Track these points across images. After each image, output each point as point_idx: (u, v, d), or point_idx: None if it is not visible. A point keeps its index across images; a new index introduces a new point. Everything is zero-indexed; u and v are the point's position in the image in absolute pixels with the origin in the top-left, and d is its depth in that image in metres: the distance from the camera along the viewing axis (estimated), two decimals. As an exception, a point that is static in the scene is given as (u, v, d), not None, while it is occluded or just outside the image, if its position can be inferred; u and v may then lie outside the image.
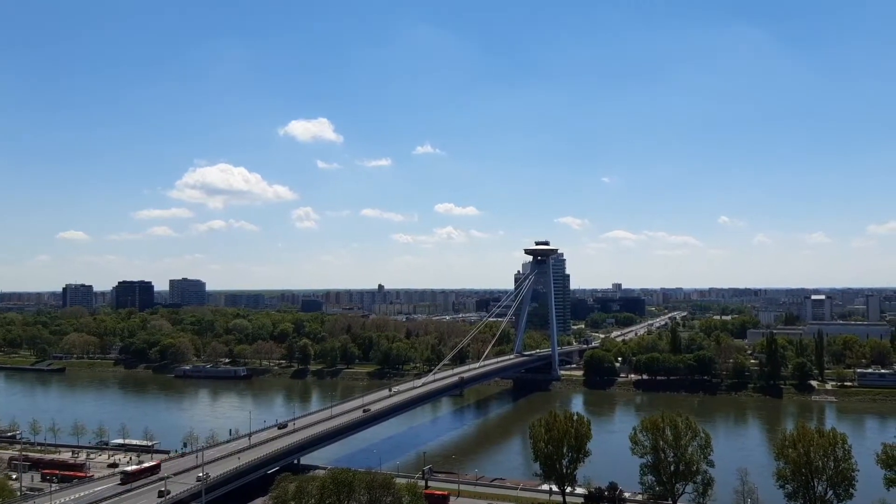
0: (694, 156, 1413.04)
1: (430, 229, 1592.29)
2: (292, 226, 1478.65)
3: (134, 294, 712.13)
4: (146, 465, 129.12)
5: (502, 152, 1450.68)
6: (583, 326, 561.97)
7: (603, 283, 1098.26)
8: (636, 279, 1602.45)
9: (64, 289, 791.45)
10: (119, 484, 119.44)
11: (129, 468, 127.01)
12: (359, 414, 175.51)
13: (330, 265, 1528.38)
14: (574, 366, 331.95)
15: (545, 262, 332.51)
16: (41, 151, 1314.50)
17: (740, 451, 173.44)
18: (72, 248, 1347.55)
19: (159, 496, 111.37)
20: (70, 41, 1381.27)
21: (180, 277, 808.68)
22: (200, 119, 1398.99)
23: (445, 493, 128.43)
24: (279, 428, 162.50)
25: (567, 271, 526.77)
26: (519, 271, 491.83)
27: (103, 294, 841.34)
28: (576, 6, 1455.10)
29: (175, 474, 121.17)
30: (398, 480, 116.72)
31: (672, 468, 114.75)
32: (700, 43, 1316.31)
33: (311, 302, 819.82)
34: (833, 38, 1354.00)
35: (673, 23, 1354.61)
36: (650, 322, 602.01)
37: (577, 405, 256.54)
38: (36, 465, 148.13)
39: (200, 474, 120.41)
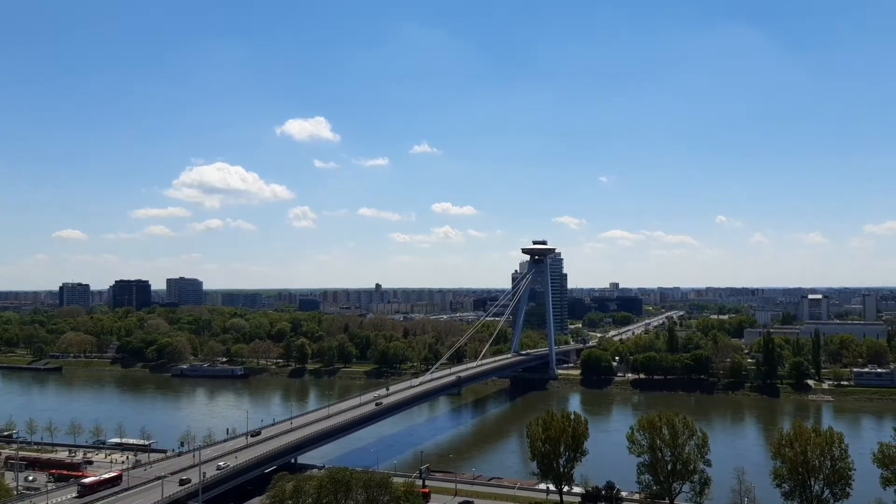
0: (691, 155, 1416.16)
1: (427, 229, 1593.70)
2: (289, 225, 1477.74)
3: (131, 293, 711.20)
4: (106, 476, 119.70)
5: (500, 152, 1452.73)
6: (580, 326, 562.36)
7: (600, 282, 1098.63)
8: (633, 278, 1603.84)
9: (61, 288, 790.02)
10: (76, 497, 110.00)
11: (86, 480, 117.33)
12: (355, 414, 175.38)
13: (327, 264, 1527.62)
14: (571, 365, 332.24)
15: (543, 262, 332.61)
16: (38, 151, 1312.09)
17: (737, 450, 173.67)
18: (69, 248, 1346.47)
19: (180, 484, 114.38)
20: (67, 40, 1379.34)
21: (177, 277, 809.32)
22: (197, 118, 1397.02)
23: (427, 490, 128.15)
24: (252, 436, 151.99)
25: (564, 270, 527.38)
26: (516, 271, 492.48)
27: (100, 293, 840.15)
28: (573, 6, 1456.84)
29: (172, 473, 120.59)
30: (395, 480, 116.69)
31: (669, 467, 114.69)
32: (697, 43, 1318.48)
33: (309, 301, 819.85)
34: (830, 39, 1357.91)
35: (670, 23, 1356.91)
36: (647, 321, 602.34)
37: (575, 404, 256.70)
38: (33, 464, 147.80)
39: (221, 463, 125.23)
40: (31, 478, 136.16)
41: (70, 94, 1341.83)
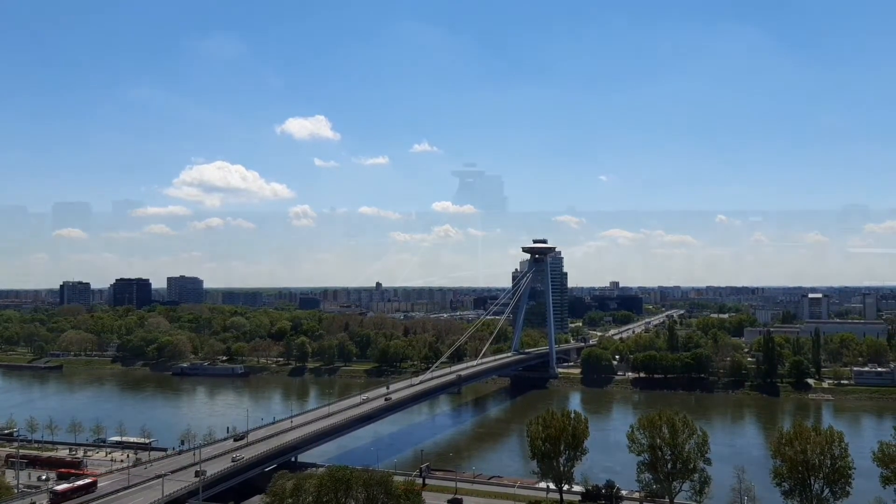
0: (691, 154, 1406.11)
1: (427, 227, 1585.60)
2: (290, 224, 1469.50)
3: (131, 292, 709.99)
4: (79, 483, 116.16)
5: (500, 150, 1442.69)
6: (580, 324, 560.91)
7: (600, 281, 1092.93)
8: (634, 277, 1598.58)
9: (61, 286, 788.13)
10: None
11: (58, 487, 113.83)
12: (355, 412, 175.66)
13: (327, 263, 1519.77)
14: (572, 364, 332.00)
15: (543, 261, 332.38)
16: (38, 149, 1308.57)
17: (737, 449, 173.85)
18: (69, 246, 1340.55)
19: (196, 475, 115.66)
20: (65, 35, 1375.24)
21: (178, 275, 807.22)
22: (198, 116, 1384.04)
23: (419, 488, 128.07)
24: (235, 440, 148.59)
25: (564, 269, 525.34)
26: (517, 269, 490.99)
27: (101, 292, 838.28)
28: (573, 4, 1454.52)
29: (173, 472, 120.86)
30: (396, 478, 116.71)
31: (669, 466, 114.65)
32: (697, 41, 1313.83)
33: (309, 300, 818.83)
34: (832, 37, 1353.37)
35: (670, 20, 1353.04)
36: (648, 320, 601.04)
37: (575, 403, 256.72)
38: (33, 462, 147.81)
39: (236, 455, 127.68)
40: (43, 476, 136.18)
41: (69, 91, 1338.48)
